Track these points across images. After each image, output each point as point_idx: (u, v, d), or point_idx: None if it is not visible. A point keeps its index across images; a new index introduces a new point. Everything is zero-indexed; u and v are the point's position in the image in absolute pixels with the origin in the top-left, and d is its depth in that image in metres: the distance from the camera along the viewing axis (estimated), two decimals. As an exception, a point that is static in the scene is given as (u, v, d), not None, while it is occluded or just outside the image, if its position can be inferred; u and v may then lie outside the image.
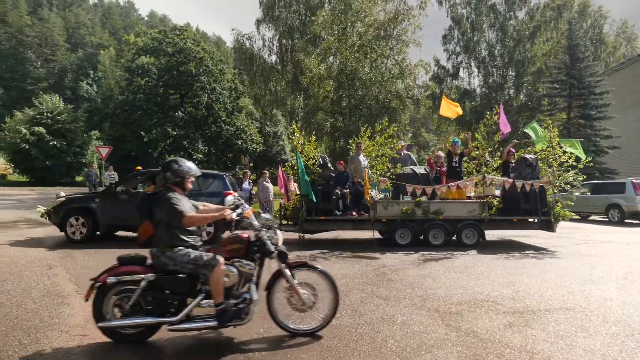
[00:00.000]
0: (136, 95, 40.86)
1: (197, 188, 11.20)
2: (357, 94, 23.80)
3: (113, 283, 4.12)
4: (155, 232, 4.24)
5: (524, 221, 11.04)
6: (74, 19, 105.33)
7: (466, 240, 10.65)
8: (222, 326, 4.17)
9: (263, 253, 4.41)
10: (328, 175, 11.17)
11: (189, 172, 4.37)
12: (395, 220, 10.64)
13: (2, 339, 4.37)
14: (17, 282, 6.57)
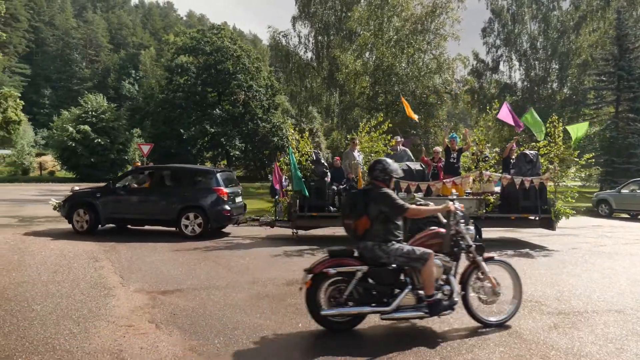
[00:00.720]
0: (176, 93, 41.82)
1: (189, 184, 11.57)
2: (393, 90, 23.50)
3: (334, 274, 4.40)
4: (371, 227, 4.48)
5: (523, 219, 10.64)
6: (117, 21, 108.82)
7: None
8: (433, 315, 4.44)
9: (462, 247, 4.67)
10: (321, 171, 11.03)
11: (395, 171, 4.72)
12: None
13: (54, 327, 4.57)
14: (66, 274, 6.87)
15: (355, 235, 4.57)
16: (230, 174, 12.77)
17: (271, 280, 6.75)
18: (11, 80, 75.99)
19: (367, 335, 4.61)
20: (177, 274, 7.05)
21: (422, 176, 10.83)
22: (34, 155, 52.55)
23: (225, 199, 10.98)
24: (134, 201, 11.37)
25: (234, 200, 11.46)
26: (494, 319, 4.78)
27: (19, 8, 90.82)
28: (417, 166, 11.10)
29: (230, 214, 11.06)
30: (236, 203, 11.58)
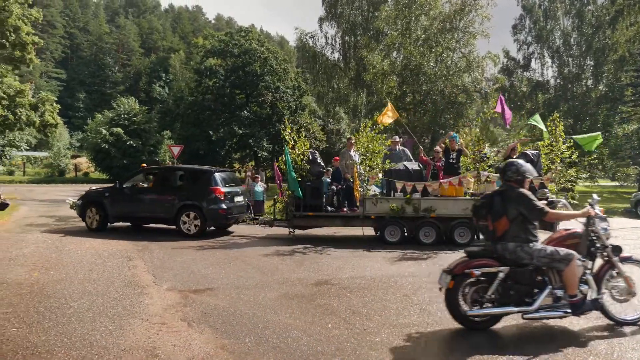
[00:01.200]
0: (205, 96, 42.43)
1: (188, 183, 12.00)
2: (421, 89, 23.21)
3: (478, 275, 4.51)
4: (510, 228, 4.55)
5: None
6: (147, 25, 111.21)
7: (459, 239, 10.19)
8: (575, 315, 4.54)
9: (598, 247, 4.67)
10: (318, 171, 11.07)
11: (529, 172, 4.79)
12: (385, 217, 10.41)
13: (91, 324, 4.70)
14: (101, 272, 7.05)
15: (493, 236, 4.65)
16: (231, 174, 12.89)
17: (300, 280, 6.77)
18: (48, 85, 78.70)
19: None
20: (207, 273, 7.15)
21: (419, 176, 10.82)
22: (69, 157, 54.23)
23: (222, 198, 11.17)
24: (138, 200, 11.90)
25: (232, 200, 11.60)
26: (630, 317, 4.77)
27: (55, 15, 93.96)
28: (414, 166, 11.04)
29: (226, 213, 11.25)
30: (235, 202, 11.71)
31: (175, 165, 14.89)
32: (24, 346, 4.09)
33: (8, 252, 8.55)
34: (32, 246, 9.29)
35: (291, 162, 10.70)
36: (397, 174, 10.73)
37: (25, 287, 6.10)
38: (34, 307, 5.20)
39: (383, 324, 4.87)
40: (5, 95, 26.97)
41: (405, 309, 5.42)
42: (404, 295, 6.00)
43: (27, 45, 26.96)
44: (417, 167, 11.06)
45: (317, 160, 11.20)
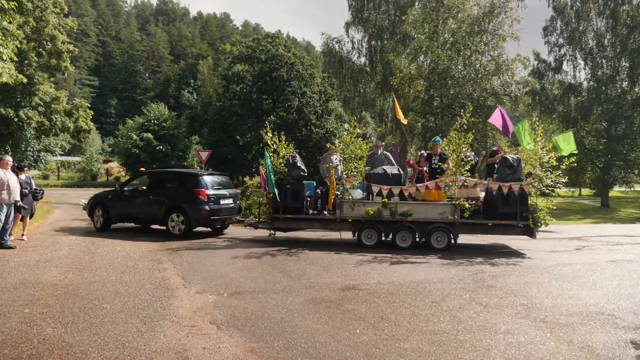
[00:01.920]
0: (232, 101, 42.97)
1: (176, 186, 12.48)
2: (449, 93, 22.89)
3: None
4: None
5: (501, 226, 10.04)
6: (177, 33, 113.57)
7: (436, 244, 10.11)
8: None
9: None
10: (298, 174, 11.13)
11: None
12: (361, 220, 10.48)
13: (123, 325, 4.79)
14: (132, 275, 7.19)
15: None
16: (221, 177, 13.09)
17: (327, 285, 6.75)
18: (81, 92, 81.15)
19: None
20: (235, 277, 7.20)
21: (398, 180, 10.75)
22: (101, 162, 55.71)
23: (206, 200, 11.61)
24: (135, 202, 12.62)
25: (218, 202, 11.95)
26: None
27: (89, 24, 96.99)
28: (394, 170, 10.99)
29: (209, 214, 11.63)
30: (221, 204, 12.05)
31: (166, 170, 15.71)
32: (59, 346, 4.20)
33: (44, 254, 8.81)
34: (66, 248, 9.55)
35: (271, 166, 10.93)
36: (376, 178, 10.78)
37: (60, 288, 6.27)
38: (68, 308, 5.34)
39: (412, 331, 4.81)
40: (41, 102, 27.94)
41: (435, 316, 5.34)
42: (433, 302, 5.91)
43: (63, 53, 27.86)
44: (397, 171, 11.00)
45: (297, 164, 11.28)
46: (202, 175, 12.23)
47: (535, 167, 10.00)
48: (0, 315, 5.02)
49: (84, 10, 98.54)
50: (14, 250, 9.14)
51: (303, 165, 11.43)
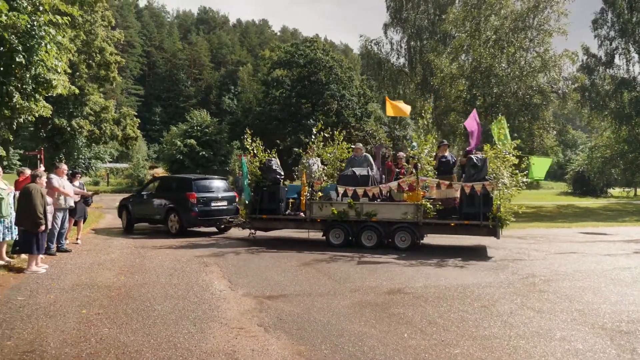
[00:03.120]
0: (272, 106, 43.58)
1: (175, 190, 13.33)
2: (492, 92, 22.26)
3: None
4: None
5: (464, 226, 9.88)
6: (217, 41, 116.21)
7: (400, 243, 10.23)
8: None
9: None
10: (273, 177, 11.66)
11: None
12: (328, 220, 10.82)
13: (174, 326, 4.91)
14: (180, 277, 7.37)
15: None
16: (216, 181, 13.95)
17: (372, 288, 6.69)
18: (128, 101, 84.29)
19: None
20: (280, 279, 7.25)
21: (365, 182, 10.81)
22: (147, 168, 57.66)
23: (195, 202, 12.64)
24: (147, 204, 13.83)
25: (208, 204, 12.91)
26: None
27: (134, 35, 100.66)
28: (363, 172, 11.06)
29: (197, 215, 12.64)
30: (211, 206, 12.98)
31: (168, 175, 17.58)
32: (115, 345, 4.34)
33: (97, 257, 9.17)
34: (118, 252, 9.91)
35: (247, 170, 11.77)
36: (344, 179, 11.04)
37: (114, 289, 6.50)
38: (122, 309, 5.52)
39: (462, 336, 4.69)
40: (92, 111, 29.23)
41: (485, 320, 5.18)
42: (482, 306, 5.74)
43: (111, 64, 29.07)
44: (366, 172, 11.04)
45: (273, 167, 11.79)
46: (195, 180, 13.43)
47: (498, 167, 9.81)
48: (60, 315, 5.25)
49: (129, 22, 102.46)
50: (70, 253, 9.57)
51: (279, 168, 11.93)
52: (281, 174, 11.88)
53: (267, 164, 11.85)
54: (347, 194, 10.58)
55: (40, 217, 7.55)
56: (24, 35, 9.29)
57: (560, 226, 16.92)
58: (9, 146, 38.54)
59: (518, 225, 16.74)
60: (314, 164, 11.76)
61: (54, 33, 10.01)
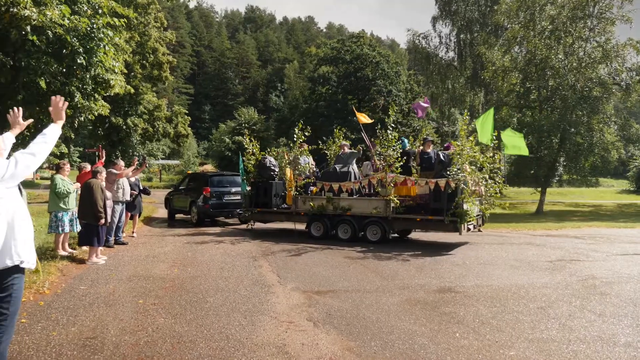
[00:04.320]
0: (318, 103, 43.71)
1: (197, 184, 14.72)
2: (548, 85, 21.25)
3: None
4: None
5: (428, 221, 10.22)
6: (264, 39, 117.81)
7: (372, 237, 10.73)
8: None
9: None
10: (268, 174, 12.56)
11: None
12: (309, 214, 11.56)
13: (226, 318, 5.01)
14: (231, 271, 7.53)
15: None
16: (232, 177, 15.17)
17: (421, 286, 6.57)
18: (179, 100, 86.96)
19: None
20: (328, 275, 7.26)
21: (344, 177, 11.42)
22: (197, 165, 59.36)
23: (208, 196, 13.94)
24: (179, 198, 15.57)
25: (220, 198, 14.17)
26: None
27: (184, 36, 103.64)
28: (344, 169, 11.62)
29: (209, 208, 13.98)
30: (223, 200, 14.22)
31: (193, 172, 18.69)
32: (170, 335, 4.49)
33: (152, 250, 9.53)
34: (171, 245, 10.26)
35: (244, 167, 12.85)
36: (326, 175, 11.87)
37: (168, 281, 6.72)
38: (176, 300, 5.70)
39: (517, 337, 4.52)
40: (146, 110, 30.34)
41: (541, 323, 4.98)
42: (538, 308, 5.52)
43: (163, 64, 30.04)
44: (347, 169, 11.56)
45: (267, 165, 12.64)
46: (211, 176, 15.09)
47: (464, 164, 9.76)
48: (119, 305, 5.49)
49: (180, 23, 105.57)
50: (127, 246, 10.00)
51: (274, 166, 12.80)
52: (275, 171, 12.76)
53: (262, 162, 12.76)
54: (325, 188, 11.39)
55: (100, 211, 7.92)
56: (84, 37, 9.75)
57: (622, 226, 16.01)
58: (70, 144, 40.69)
59: (573, 225, 16.01)
60: (304, 161, 12.40)
61: (111, 35, 10.46)
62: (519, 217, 20.25)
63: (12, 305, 2.99)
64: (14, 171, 2.93)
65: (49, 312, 5.15)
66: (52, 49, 9.71)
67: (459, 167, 9.75)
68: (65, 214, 8.56)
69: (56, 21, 8.47)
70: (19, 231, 2.98)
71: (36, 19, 8.11)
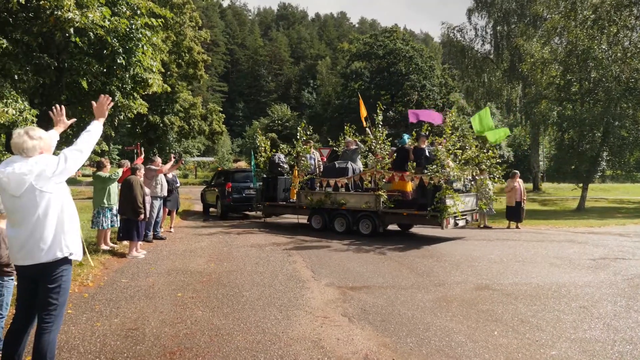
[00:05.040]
0: (350, 99, 43.53)
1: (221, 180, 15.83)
2: (590, 77, 20.41)
3: None
4: None
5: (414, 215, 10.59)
6: (296, 36, 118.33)
7: (364, 230, 11.20)
8: None
9: None
10: (277, 171, 13.43)
11: None
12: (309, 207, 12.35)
13: (262, 312, 5.08)
14: (266, 266, 7.62)
15: None
16: (249, 173, 15.71)
17: (458, 283, 6.47)
18: (213, 97, 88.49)
19: None
20: (363, 271, 7.25)
21: (342, 173, 11.93)
22: (231, 161, 60.28)
23: (230, 191, 14.99)
24: (210, 193, 16.70)
25: (240, 193, 15.12)
26: None
27: (218, 34, 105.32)
28: (343, 164, 12.14)
29: (230, 201, 15.06)
30: (242, 195, 15.12)
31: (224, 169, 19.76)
32: (209, 327, 4.58)
33: (189, 245, 9.75)
34: (207, 240, 10.46)
35: (255, 164, 14.12)
36: (327, 171, 12.53)
37: (205, 275, 6.86)
38: (213, 294, 5.82)
39: (558, 337, 4.39)
40: (181, 108, 30.99)
41: (584, 322, 4.81)
42: (581, 307, 5.34)
43: (198, 63, 30.58)
44: (345, 165, 12.02)
45: (276, 161, 13.46)
46: (233, 172, 16.16)
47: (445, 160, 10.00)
48: (158, 297, 5.65)
49: (213, 22, 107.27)
50: (165, 240, 10.26)
51: (283, 162, 13.60)
52: (284, 167, 13.58)
53: (271, 159, 13.59)
54: (322, 184, 12.04)
55: (140, 207, 8.16)
56: (123, 38, 10.03)
57: (671, 223, 15.27)
58: (110, 142, 42.04)
59: (617, 222, 15.39)
60: (310, 158, 13.01)
61: (149, 35, 10.72)
62: (559, 213, 19.63)
63: (61, 296, 3.12)
64: (64, 167, 3.06)
65: (93, 304, 5.35)
66: (94, 49, 10.04)
67: (443, 164, 9.97)
68: (109, 210, 8.86)
69: (97, 23, 8.74)
70: (68, 225, 3.12)
71: (79, 21, 8.39)
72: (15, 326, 3.16)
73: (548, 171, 36.16)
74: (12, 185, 2.95)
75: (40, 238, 2.98)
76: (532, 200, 24.56)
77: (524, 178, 17.19)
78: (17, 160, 3.02)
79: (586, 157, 20.33)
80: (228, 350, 4.01)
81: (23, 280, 3.15)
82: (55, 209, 3.05)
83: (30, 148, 3.04)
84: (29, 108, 8.35)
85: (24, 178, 2.94)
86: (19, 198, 2.97)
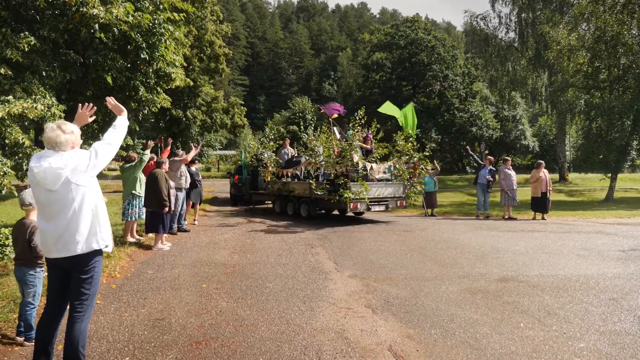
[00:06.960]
0: (372, 90, 43.23)
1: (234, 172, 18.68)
2: (619, 63, 19.78)
3: None
4: None
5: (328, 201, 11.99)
6: (317, 27, 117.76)
7: (303, 213, 13.09)
8: None
9: None
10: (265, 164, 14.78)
11: None
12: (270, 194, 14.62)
13: (285, 303, 5.12)
14: (289, 258, 7.67)
15: None
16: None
17: (482, 275, 6.40)
18: (234, 91, 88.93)
19: None
20: (385, 263, 7.23)
21: (297, 164, 13.80)
22: (252, 154, 60.51)
23: (236, 182, 17.44)
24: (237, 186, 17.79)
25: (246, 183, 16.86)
26: None
27: (239, 28, 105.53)
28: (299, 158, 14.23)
29: (237, 192, 17.49)
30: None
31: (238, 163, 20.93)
32: (233, 318, 4.65)
33: (212, 237, 9.88)
34: (230, 232, 10.58)
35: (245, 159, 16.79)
36: (287, 163, 14.39)
37: (229, 267, 6.95)
38: (237, 285, 5.89)
39: (587, 329, 4.31)
40: (204, 102, 31.26)
41: (614, 314, 4.71)
42: (610, 299, 5.22)
43: (220, 56, 30.74)
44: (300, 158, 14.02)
45: (259, 157, 15.24)
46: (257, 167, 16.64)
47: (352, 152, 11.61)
48: (184, 288, 5.75)
49: (234, 15, 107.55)
50: (189, 233, 10.42)
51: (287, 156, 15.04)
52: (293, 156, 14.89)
53: (258, 156, 15.38)
54: (277, 175, 13.89)
55: (165, 199, 8.29)
56: (146, 33, 10.14)
57: None
58: (134, 136, 42.71)
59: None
60: (284, 153, 15.05)
61: (172, 30, 10.80)
62: (586, 204, 19.18)
63: (93, 286, 3.21)
64: (95, 161, 3.13)
65: (121, 295, 5.48)
66: (118, 45, 10.19)
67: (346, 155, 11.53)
68: (140, 200, 9.01)
69: (121, 18, 8.84)
70: (102, 217, 3.20)
71: (103, 17, 8.51)
72: (47, 316, 3.26)
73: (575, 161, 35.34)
74: (49, 180, 3.02)
75: (77, 231, 3.06)
76: (558, 191, 24.06)
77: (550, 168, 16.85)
78: (50, 154, 3.09)
79: (615, 146, 19.77)
80: (253, 341, 4.06)
81: (55, 271, 3.24)
82: (90, 202, 3.13)
83: (63, 142, 3.11)
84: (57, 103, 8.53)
85: (60, 172, 3.01)
86: (55, 192, 3.04)
